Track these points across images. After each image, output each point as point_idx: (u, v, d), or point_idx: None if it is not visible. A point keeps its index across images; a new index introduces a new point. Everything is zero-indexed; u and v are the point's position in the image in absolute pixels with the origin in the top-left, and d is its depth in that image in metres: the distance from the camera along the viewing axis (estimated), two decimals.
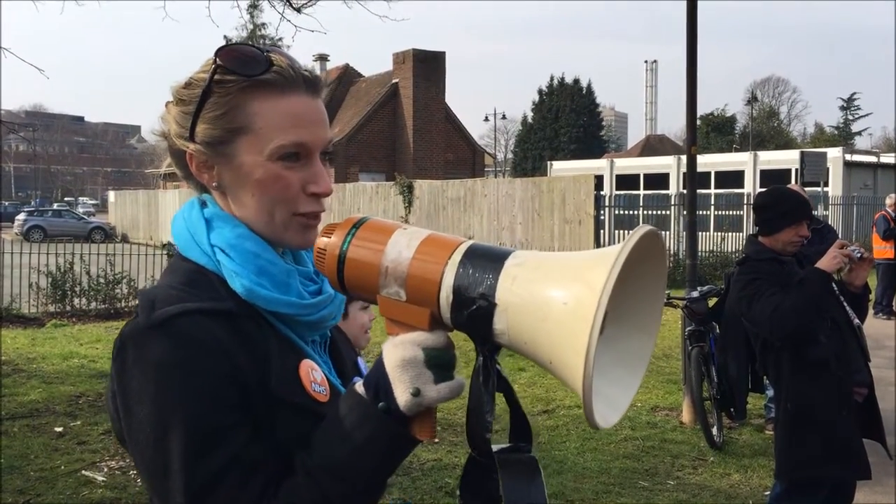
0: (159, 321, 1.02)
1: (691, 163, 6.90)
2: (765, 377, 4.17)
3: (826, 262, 3.45)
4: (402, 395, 0.98)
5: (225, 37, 29.33)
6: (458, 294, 0.95)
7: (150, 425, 1.00)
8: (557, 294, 0.89)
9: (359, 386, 1.03)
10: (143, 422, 1.01)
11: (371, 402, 1.00)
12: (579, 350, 0.84)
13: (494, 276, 0.93)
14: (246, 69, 1.11)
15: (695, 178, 6.99)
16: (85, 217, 39.38)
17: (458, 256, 0.97)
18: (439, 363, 0.99)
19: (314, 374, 1.13)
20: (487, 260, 0.95)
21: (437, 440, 1.24)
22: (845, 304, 3.64)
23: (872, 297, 11.87)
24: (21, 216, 36.24)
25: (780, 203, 3.70)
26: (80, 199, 72.02)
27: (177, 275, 1.13)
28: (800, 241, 3.68)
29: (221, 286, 1.11)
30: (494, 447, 1.00)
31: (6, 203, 54.80)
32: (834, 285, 3.58)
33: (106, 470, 5.29)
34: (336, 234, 1.04)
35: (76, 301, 11.98)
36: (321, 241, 1.06)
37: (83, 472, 5.25)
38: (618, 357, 0.99)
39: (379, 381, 1.00)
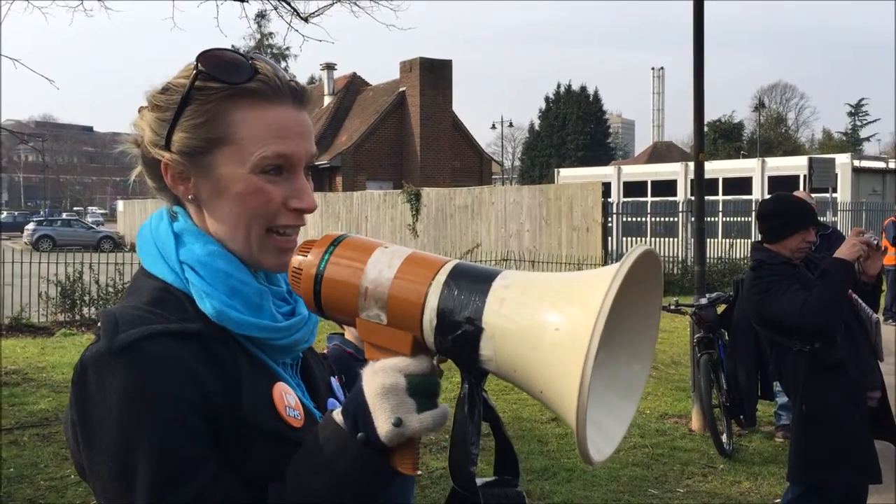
0: (123, 345, 0.95)
1: (699, 169, 6.89)
2: (775, 384, 4.15)
3: (846, 251, 3.39)
4: (382, 425, 0.91)
5: (232, 46, 29.47)
6: (442, 317, 0.88)
7: (113, 458, 0.94)
8: (549, 318, 0.83)
9: (336, 414, 0.96)
10: (104, 454, 0.95)
11: (349, 432, 0.93)
12: (573, 379, 0.78)
13: (481, 298, 0.87)
14: (229, 76, 1.05)
15: (702, 185, 6.99)
16: (94, 226, 39.63)
17: (442, 277, 0.90)
18: (422, 391, 0.93)
19: (288, 398, 1.07)
20: (474, 280, 0.89)
21: (419, 472, 1.21)
22: (859, 299, 3.60)
23: (882, 302, 11.84)
24: (30, 226, 36.56)
25: (786, 211, 3.68)
26: (89, 208, 72.56)
27: (142, 293, 1.05)
28: (807, 247, 3.67)
29: (190, 306, 1.04)
30: (479, 481, 0.93)
31: (15, 213, 55.22)
32: None
33: None
34: (313, 252, 0.97)
35: (85, 310, 12.01)
36: (296, 260, 0.98)
37: None
38: (610, 383, 0.92)
39: (358, 409, 0.93)
